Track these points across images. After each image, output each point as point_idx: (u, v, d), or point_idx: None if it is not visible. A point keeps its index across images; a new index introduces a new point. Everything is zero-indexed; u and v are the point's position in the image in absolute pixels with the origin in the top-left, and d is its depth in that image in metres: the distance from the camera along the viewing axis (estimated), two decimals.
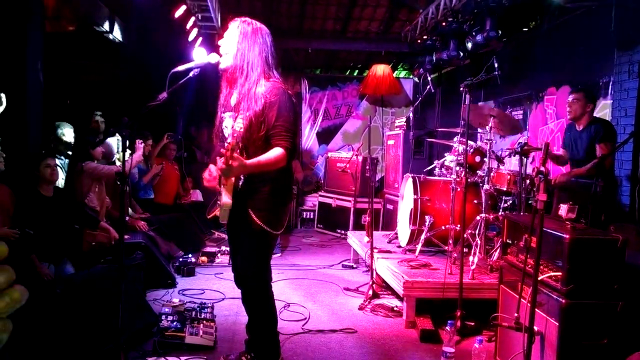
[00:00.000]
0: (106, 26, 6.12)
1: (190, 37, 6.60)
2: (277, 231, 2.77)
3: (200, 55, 2.79)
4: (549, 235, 2.61)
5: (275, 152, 2.57)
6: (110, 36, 6.30)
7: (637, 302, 2.66)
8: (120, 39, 6.51)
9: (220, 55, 2.72)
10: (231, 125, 2.66)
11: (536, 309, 2.54)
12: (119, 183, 2.48)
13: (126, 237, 4.35)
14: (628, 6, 4.79)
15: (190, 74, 2.69)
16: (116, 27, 6.38)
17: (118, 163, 5.46)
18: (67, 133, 4.93)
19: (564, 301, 2.45)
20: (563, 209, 2.65)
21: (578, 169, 4.35)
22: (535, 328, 2.54)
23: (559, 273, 2.51)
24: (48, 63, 4.63)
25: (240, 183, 2.71)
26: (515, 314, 2.68)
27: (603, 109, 5.25)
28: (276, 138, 2.59)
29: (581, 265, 2.46)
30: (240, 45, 2.67)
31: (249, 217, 2.68)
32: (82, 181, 4.64)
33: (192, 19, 6.43)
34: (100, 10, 6.02)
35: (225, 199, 2.69)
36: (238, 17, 2.77)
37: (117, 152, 5.25)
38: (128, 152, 2.47)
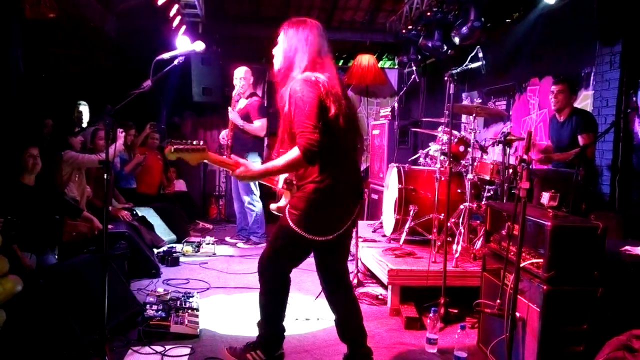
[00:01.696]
0: (87, 13, 6.02)
1: (174, 25, 6.53)
2: (314, 236, 2.52)
3: (185, 43, 2.76)
4: (531, 222, 2.65)
5: (291, 153, 2.42)
6: (92, 23, 6.21)
7: (616, 288, 2.72)
8: (102, 27, 6.41)
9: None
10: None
11: (518, 296, 2.59)
12: (102, 172, 2.45)
13: (110, 226, 4.32)
14: None
15: (175, 62, 2.67)
16: (98, 15, 6.28)
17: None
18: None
19: (545, 287, 2.49)
20: (545, 197, 2.69)
21: (560, 154, 4.44)
22: (517, 314, 2.59)
23: (541, 260, 2.56)
24: (28, 51, 4.54)
25: (294, 185, 2.64)
26: (498, 301, 2.72)
27: (584, 100, 5.32)
28: (297, 136, 2.41)
29: (562, 252, 2.50)
30: (283, 47, 2.63)
31: (285, 214, 2.59)
32: (61, 170, 4.59)
33: (176, 6, 6.36)
34: None
35: (281, 202, 2.66)
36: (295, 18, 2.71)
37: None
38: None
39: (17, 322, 2.69)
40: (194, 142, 2.38)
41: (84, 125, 5.59)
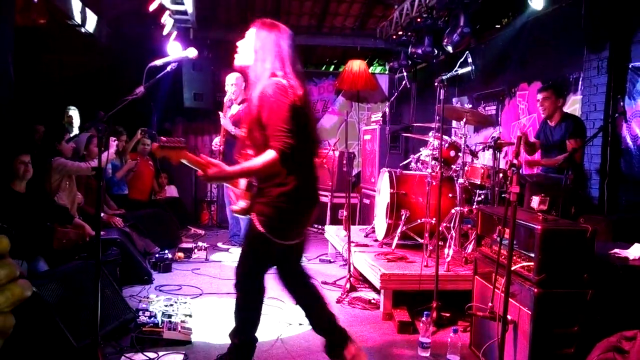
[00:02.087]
0: (78, 19, 6.01)
1: (165, 31, 6.53)
2: (282, 240, 2.57)
3: (177, 50, 2.77)
4: (522, 226, 2.68)
5: (266, 155, 2.42)
6: (83, 29, 6.19)
7: (605, 290, 2.75)
8: (93, 33, 6.40)
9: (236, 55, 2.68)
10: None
11: (509, 299, 2.61)
12: (93, 179, 2.45)
13: (101, 233, 4.30)
14: (597, 4, 4.92)
15: (168, 68, 2.67)
16: (88, 20, 6.27)
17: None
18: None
19: (536, 290, 2.52)
20: (535, 201, 2.72)
21: (549, 159, 4.50)
22: (509, 317, 2.62)
23: (531, 263, 2.59)
24: (19, 57, 4.53)
25: (254, 187, 2.64)
26: (490, 304, 2.75)
27: (573, 104, 5.39)
28: (270, 139, 2.43)
29: (552, 255, 2.53)
30: (253, 45, 2.63)
31: (252, 221, 2.60)
32: (51, 177, 4.57)
33: (167, 12, 6.36)
34: (72, 2, 5.91)
35: (239, 204, 2.66)
36: (259, 18, 2.73)
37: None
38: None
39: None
40: (178, 140, 2.40)
41: (75, 130, 5.55)
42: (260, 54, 2.60)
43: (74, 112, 5.69)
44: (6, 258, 0.65)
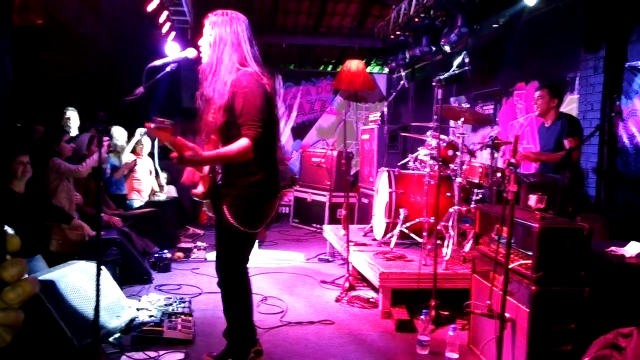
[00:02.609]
0: (75, 19, 6.01)
1: (163, 31, 6.54)
2: (251, 229, 2.66)
3: (176, 50, 2.77)
4: (519, 225, 2.70)
5: (240, 142, 2.48)
6: (80, 29, 6.19)
7: (602, 288, 2.78)
8: (91, 33, 6.40)
9: (199, 52, 2.71)
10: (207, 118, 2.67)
11: (507, 297, 2.63)
12: (91, 180, 2.47)
13: (101, 233, 4.31)
14: (594, 4, 4.95)
15: (168, 69, 2.68)
16: (86, 21, 6.27)
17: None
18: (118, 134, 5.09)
19: (533, 288, 2.54)
20: (532, 200, 2.74)
21: (547, 155, 4.52)
22: (507, 315, 2.64)
23: (529, 261, 2.61)
24: (16, 58, 4.53)
25: (219, 177, 2.71)
26: (488, 302, 2.77)
27: (570, 104, 5.41)
28: (243, 128, 2.50)
29: (550, 253, 2.55)
30: (212, 38, 2.64)
31: (222, 213, 2.65)
32: (49, 178, 4.57)
33: (165, 12, 6.37)
34: (69, 2, 5.90)
35: (199, 188, 2.70)
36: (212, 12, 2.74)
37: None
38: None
39: None
40: (166, 121, 2.44)
41: (74, 131, 5.55)
42: (219, 46, 2.62)
43: (72, 113, 5.68)
44: (17, 256, 0.68)
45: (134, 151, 6.36)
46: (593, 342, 2.36)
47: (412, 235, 4.64)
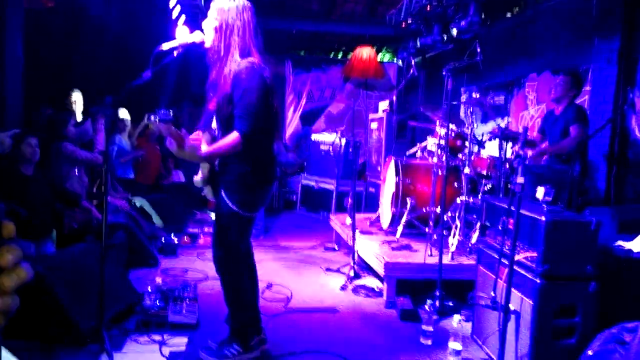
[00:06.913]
0: (86, 1, 6.00)
1: (174, 15, 6.52)
2: (249, 213, 2.71)
3: (183, 34, 2.74)
4: (526, 217, 2.68)
5: (231, 136, 2.54)
6: (91, 12, 6.18)
7: (608, 282, 2.75)
8: (101, 16, 6.39)
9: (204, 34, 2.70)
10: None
11: (512, 289, 2.62)
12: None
13: (108, 217, 4.33)
14: None
15: (175, 53, 2.66)
16: (97, 3, 6.26)
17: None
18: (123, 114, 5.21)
19: (539, 281, 2.52)
20: (540, 192, 2.71)
21: (554, 146, 4.45)
22: (511, 307, 2.63)
23: (535, 254, 2.59)
24: (27, 40, 4.54)
25: (216, 163, 2.72)
26: (492, 294, 2.76)
27: (582, 95, 5.33)
28: (236, 120, 2.55)
29: (556, 246, 2.53)
30: (217, 23, 2.62)
31: (221, 198, 2.69)
32: (60, 163, 4.58)
33: None
34: None
35: (199, 175, 2.77)
36: None
37: None
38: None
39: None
40: (171, 113, 2.48)
41: (78, 114, 5.55)
42: (225, 32, 2.61)
43: (77, 96, 5.68)
44: (12, 243, 0.68)
45: (142, 135, 6.38)
46: (597, 336, 2.34)
47: (419, 225, 4.63)
